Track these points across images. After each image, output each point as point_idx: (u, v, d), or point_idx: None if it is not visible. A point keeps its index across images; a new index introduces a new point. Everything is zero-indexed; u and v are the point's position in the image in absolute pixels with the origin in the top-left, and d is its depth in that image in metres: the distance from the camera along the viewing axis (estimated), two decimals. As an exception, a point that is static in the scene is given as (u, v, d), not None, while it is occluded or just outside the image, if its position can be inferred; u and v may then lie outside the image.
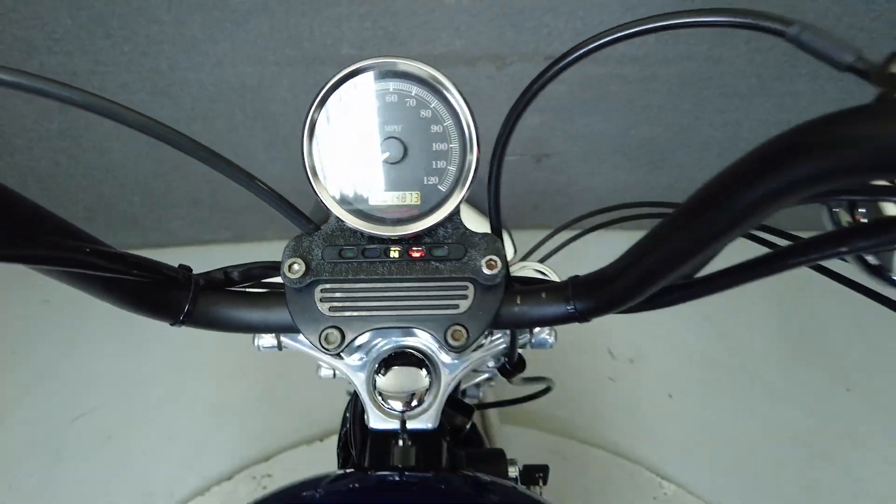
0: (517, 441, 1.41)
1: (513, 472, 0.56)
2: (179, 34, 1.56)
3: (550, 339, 0.49)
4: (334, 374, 0.51)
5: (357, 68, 0.34)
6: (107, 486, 1.39)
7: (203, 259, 0.51)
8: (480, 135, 0.36)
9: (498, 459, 0.54)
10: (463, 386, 0.67)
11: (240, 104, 1.73)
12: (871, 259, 0.31)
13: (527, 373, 0.58)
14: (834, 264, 0.35)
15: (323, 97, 0.34)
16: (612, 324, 1.78)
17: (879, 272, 0.31)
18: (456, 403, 0.53)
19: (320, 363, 0.54)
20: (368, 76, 0.34)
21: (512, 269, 0.43)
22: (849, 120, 0.20)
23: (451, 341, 0.36)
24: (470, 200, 0.47)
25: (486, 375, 0.72)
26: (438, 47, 1.59)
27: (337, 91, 0.34)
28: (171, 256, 0.40)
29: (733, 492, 1.40)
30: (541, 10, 1.56)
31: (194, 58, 1.61)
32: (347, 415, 0.59)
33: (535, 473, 0.67)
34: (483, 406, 0.76)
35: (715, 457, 1.46)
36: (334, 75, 0.34)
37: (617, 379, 1.65)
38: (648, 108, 1.80)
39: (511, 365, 0.52)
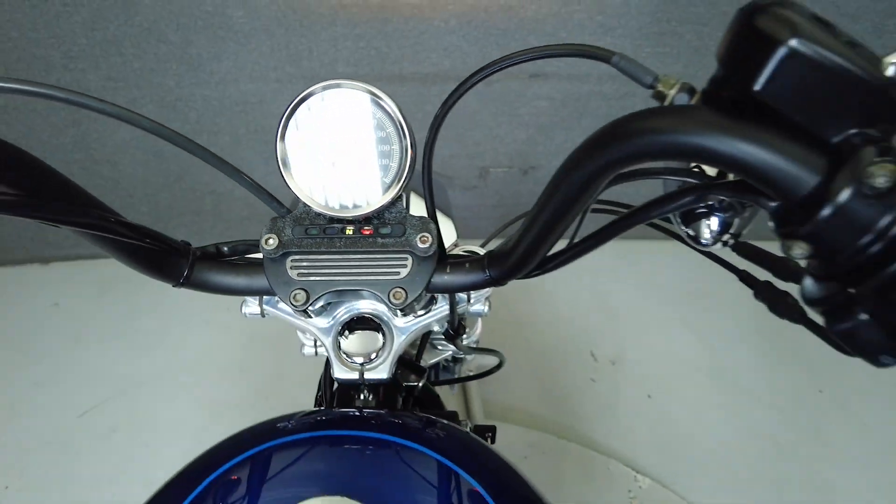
0: (498, 434, 1.48)
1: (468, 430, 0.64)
2: (186, 53, 1.67)
3: (485, 308, 0.57)
4: (316, 353, 0.59)
5: (313, 90, 0.43)
6: (111, 476, 1.47)
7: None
8: (416, 139, 0.45)
9: (450, 417, 0.62)
10: (430, 362, 0.75)
11: (242, 119, 1.83)
12: (689, 230, 0.39)
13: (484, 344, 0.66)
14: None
15: (290, 112, 0.43)
16: (595, 327, 1.87)
17: (695, 239, 0.39)
18: (410, 364, 0.61)
19: (303, 342, 0.62)
20: (328, 94, 0.43)
21: (455, 249, 0.52)
22: (642, 116, 0.29)
23: (392, 300, 0.45)
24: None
25: (447, 354, 0.80)
26: (428, 66, 1.70)
27: (304, 103, 0.43)
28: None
29: (706, 486, 1.46)
30: (523, 31, 1.67)
31: (200, 75, 1.71)
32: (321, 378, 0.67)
33: (485, 433, 0.75)
34: (444, 381, 0.84)
35: (689, 453, 1.53)
36: (298, 95, 0.43)
37: (598, 380, 1.73)
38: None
39: (453, 329, 0.60)
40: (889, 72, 0.24)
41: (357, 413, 0.47)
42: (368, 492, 0.35)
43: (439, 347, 0.76)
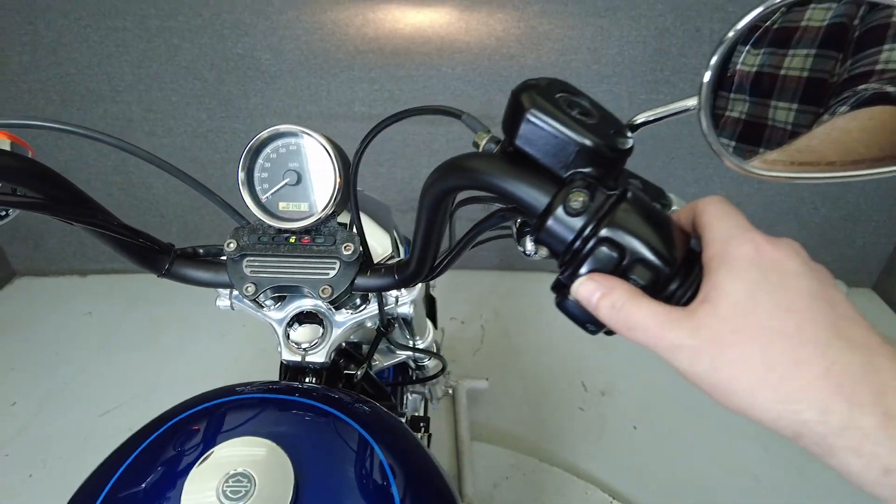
0: (483, 456, 1.56)
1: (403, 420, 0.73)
2: (218, 90, 1.86)
3: (410, 311, 0.68)
4: (232, 307, 0.67)
5: (268, 136, 0.56)
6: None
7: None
8: (348, 173, 0.57)
9: (389, 407, 0.73)
10: (385, 363, 0.86)
11: (266, 149, 2.00)
12: (519, 245, 0.48)
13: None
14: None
15: (250, 148, 0.56)
16: (588, 359, 1.94)
17: (523, 251, 0.48)
18: (351, 355, 0.72)
19: (219, 293, 0.70)
20: (280, 136, 0.56)
21: (391, 261, 0.63)
22: (475, 158, 0.40)
23: (322, 295, 0.56)
24: (377, 219, 0.69)
25: (402, 357, 0.89)
26: (435, 107, 1.84)
27: (262, 141, 0.56)
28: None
29: (684, 517, 1.50)
30: (524, 77, 1.80)
31: (230, 110, 1.90)
32: None
33: (419, 423, 0.84)
34: (394, 383, 0.93)
35: (669, 482, 1.57)
36: (254, 138, 0.56)
37: (586, 409, 1.79)
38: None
39: (383, 326, 0.70)
40: (620, 140, 0.36)
41: (296, 385, 0.58)
42: (287, 439, 0.45)
43: (396, 352, 0.86)
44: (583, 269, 0.33)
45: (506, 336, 2.05)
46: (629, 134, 0.37)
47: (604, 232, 0.32)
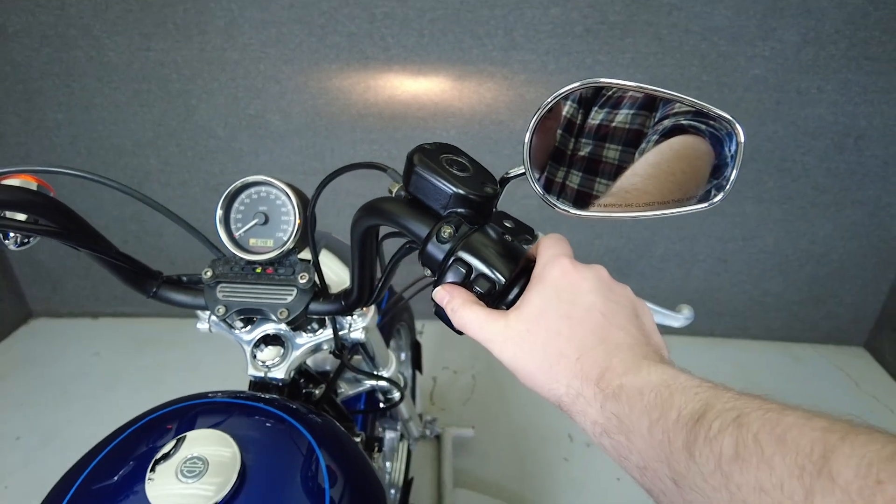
0: (466, 502, 1.59)
1: (357, 440, 0.80)
2: (230, 147, 2.01)
3: (362, 336, 0.76)
4: (210, 330, 0.75)
5: (241, 185, 0.66)
6: None
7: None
8: (303, 214, 0.66)
9: (346, 419, 0.80)
10: (349, 392, 0.93)
11: (272, 202, 2.13)
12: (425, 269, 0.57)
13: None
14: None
15: (226, 195, 0.66)
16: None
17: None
18: (312, 377, 0.80)
19: (199, 316, 0.77)
20: (253, 185, 0.67)
21: (344, 289, 0.71)
22: (383, 200, 0.49)
23: (279, 317, 0.66)
24: (340, 257, 0.78)
25: (367, 386, 0.97)
26: (431, 165, 1.97)
27: (236, 189, 0.67)
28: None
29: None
30: (512, 141, 1.93)
31: (240, 165, 2.04)
32: None
33: (373, 442, 0.91)
34: (357, 412, 0.99)
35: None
36: (231, 185, 0.66)
37: (571, 459, 1.81)
38: (610, 223, 2.09)
39: (338, 348, 0.77)
40: (488, 189, 0.46)
41: (259, 394, 0.66)
42: (240, 433, 0.53)
43: (361, 380, 0.94)
44: (444, 280, 0.44)
45: (497, 387, 2.10)
46: (497, 185, 0.48)
47: (459, 253, 0.43)
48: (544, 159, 0.51)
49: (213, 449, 0.51)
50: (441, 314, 0.45)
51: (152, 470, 0.49)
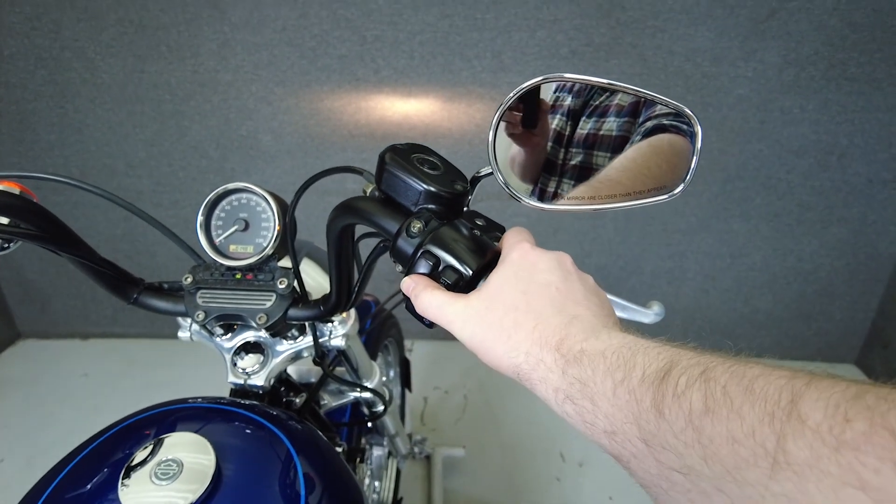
0: (455, 522, 1.57)
1: (339, 449, 0.79)
2: (222, 167, 2.02)
3: (343, 343, 0.76)
4: (191, 339, 0.76)
5: (223, 191, 0.67)
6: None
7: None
8: (283, 220, 0.67)
9: (328, 429, 0.80)
10: (333, 404, 0.92)
11: (264, 221, 2.14)
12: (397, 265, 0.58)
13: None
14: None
15: (207, 202, 0.67)
16: (568, 430, 1.95)
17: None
18: (292, 385, 0.80)
19: (180, 324, 0.77)
20: (234, 192, 0.67)
21: (324, 294, 0.71)
22: (356, 199, 0.50)
23: (258, 322, 0.65)
24: (322, 265, 0.79)
25: (350, 398, 0.95)
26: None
27: (217, 196, 0.67)
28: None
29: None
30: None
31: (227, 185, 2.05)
32: None
33: (356, 453, 0.90)
34: (340, 424, 0.98)
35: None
36: (212, 192, 0.67)
37: (563, 479, 1.79)
38: (599, 240, 2.10)
39: (318, 356, 0.76)
40: (458, 187, 0.47)
41: (239, 400, 0.66)
42: (216, 437, 0.52)
43: (344, 392, 0.93)
44: (413, 273, 0.45)
45: (488, 406, 2.08)
46: (467, 183, 0.50)
47: (427, 246, 0.44)
48: (537, 172, 0.52)
49: (188, 452, 0.51)
50: (411, 308, 0.45)
51: (127, 475, 0.49)
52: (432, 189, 0.46)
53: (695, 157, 0.50)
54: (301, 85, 1.90)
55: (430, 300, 0.43)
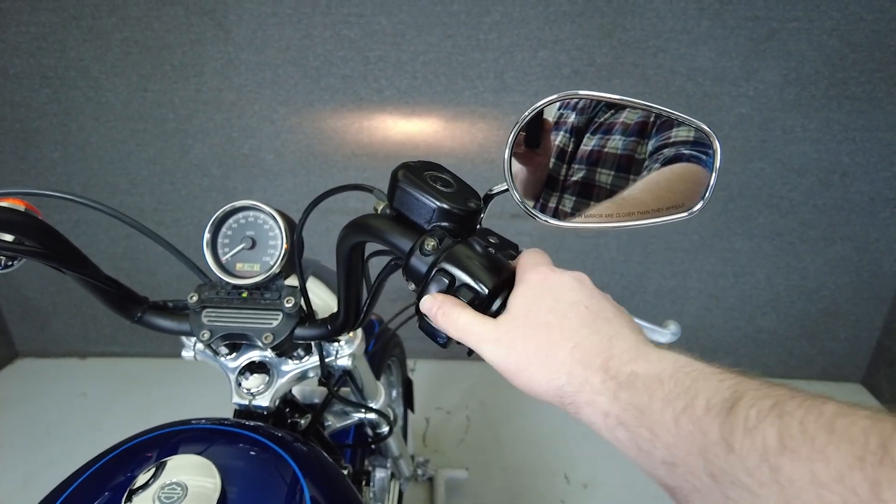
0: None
1: (345, 472, 0.77)
2: (224, 185, 2.03)
3: (349, 363, 0.75)
4: (195, 358, 0.74)
5: (230, 209, 0.67)
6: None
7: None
8: (291, 238, 0.66)
9: (332, 451, 0.78)
10: (337, 425, 0.91)
11: (265, 239, 2.14)
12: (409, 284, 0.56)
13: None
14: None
15: (214, 220, 0.66)
16: (573, 451, 1.93)
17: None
18: (297, 406, 0.78)
19: (184, 343, 0.75)
20: (241, 210, 0.67)
21: (331, 313, 0.70)
22: (368, 217, 0.49)
23: (264, 341, 0.64)
24: (329, 284, 0.78)
25: (354, 419, 0.94)
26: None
27: (224, 214, 0.67)
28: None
29: None
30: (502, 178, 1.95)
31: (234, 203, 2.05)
32: None
33: (361, 476, 0.87)
34: (344, 445, 0.96)
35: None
36: (219, 210, 0.66)
37: (567, 502, 1.76)
38: (601, 259, 2.09)
39: (324, 376, 0.75)
40: (471, 204, 0.46)
41: (243, 421, 0.64)
42: (221, 459, 0.51)
43: (348, 413, 0.92)
44: (427, 291, 0.44)
45: (491, 427, 2.05)
46: (480, 201, 0.49)
47: (441, 265, 0.43)
48: (539, 189, 0.52)
49: (192, 475, 0.50)
50: (426, 327, 0.44)
51: (129, 498, 0.48)
52: (446, 206, 0.45)
53: (714, 175, 0.50)
54: (304, 104, 1.91)
55: (458, 319, 0.41)
